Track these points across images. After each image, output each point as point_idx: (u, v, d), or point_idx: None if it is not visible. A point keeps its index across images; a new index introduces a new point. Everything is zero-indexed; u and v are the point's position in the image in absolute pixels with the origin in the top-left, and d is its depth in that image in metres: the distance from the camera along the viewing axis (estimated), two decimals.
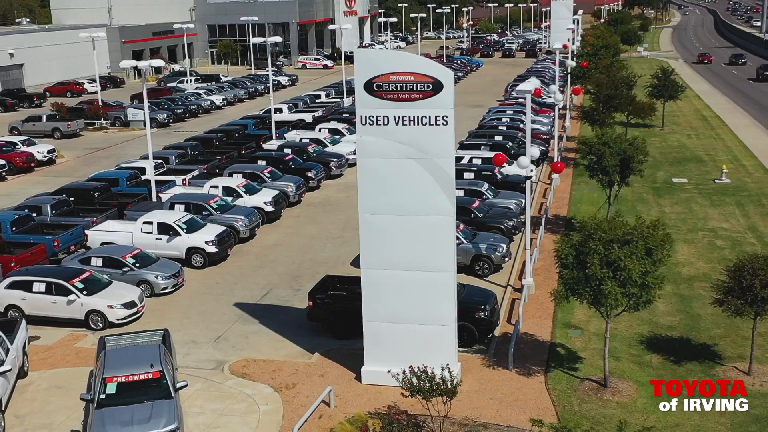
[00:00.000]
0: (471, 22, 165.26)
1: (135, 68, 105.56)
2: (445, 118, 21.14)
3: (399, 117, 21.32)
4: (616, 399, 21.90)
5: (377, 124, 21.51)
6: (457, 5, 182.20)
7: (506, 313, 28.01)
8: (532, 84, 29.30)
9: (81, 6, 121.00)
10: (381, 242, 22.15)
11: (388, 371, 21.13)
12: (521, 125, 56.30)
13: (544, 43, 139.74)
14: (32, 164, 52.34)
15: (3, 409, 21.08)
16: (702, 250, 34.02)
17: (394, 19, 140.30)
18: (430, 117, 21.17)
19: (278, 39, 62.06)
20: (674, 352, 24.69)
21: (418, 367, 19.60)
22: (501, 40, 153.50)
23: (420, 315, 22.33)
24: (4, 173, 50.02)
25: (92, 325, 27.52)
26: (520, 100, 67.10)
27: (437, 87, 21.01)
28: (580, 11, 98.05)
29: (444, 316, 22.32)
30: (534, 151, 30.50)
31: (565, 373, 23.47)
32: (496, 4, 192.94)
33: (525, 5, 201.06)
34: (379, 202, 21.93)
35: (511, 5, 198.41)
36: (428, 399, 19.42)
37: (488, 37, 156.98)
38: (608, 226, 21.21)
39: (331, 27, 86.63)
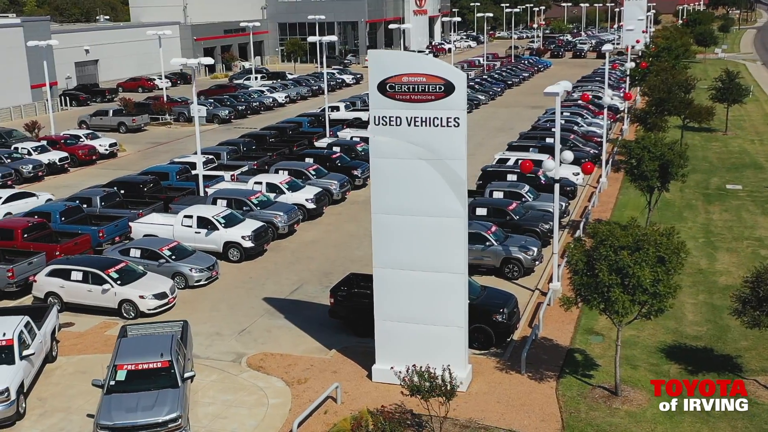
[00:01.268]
0: (543, 22, 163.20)
1: (205, 65, 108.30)
2: (456, 119, 21.18)
3: (411, 118, 21.45)
4: (626, 408, 21.56)
5: (390, 124, 21.69)
6: (531, 4, 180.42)
7: (529, 317, 27.81)
8: (561, 86, 28.92)
9: (157, 4, 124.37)
10: (392, 242, 22.34)
11: (391, 368, 21.32)
12: (575, 127, 55.63)
13: (618, 43, 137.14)
14: (94, 157, 54.26)
15: (25, 391, 22.04)
16: (744, 259, 33.04)
17: (458, 19, 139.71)
18: (441, 118, 21.23)
19: (334, 38, 62.53)
20: (695, 362, 24.11)
21: (420, 367, 19.69)
22: (573, 40, 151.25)
23: (430, 315, 22.43)
24: (66, 165, 51.98)
25: (125, 314, 28.45)
26: (579, 102, 66.27)
27: (449, 89, 21.04)
28: (651, 12, 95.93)
29: (453, 318, 22.36)
30: (567, 155, 30.04)
31: (578, 379, 23.21)
32: (570, 4, 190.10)
33: (601, 5, 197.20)
34: (390, 202, 22.13)
35: (587, 5, 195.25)
36: (426, 399, 19.51)
37: (560, 38, 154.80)
38: (620, 232, 20.89)
39: (391, 26, 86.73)
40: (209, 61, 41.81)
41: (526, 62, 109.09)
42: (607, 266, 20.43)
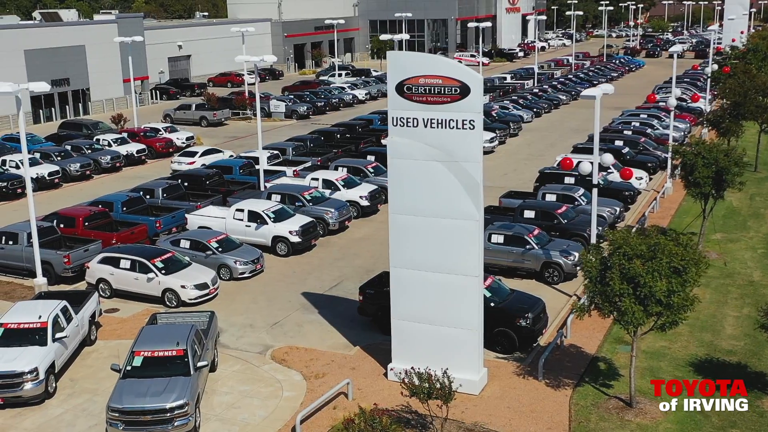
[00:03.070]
0: (639, 20, 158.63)
1: (294, 61, 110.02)
2: (472, 122, 21.13)
3: (427, 120, 21.53)
4: (638, 420, 21.04)
5: (407, 125, 21.83)
6: (633, 2, 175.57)
7: (560, 323, 27.38)
8: (600, 90, 28.29)
9: (254, 1, 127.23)
10: (408, 242, 22.48)
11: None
12: (649, 130, 54.14)
13: (720, 42, 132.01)
14: (170, 150, 56.20)
15: (56, 372, 23.25)
16: None
17: (544, 17, 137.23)
18: (457, 121, 21.23)
19: (406, 37, 62.75)
20: (723, 378, 23.17)
21: (417, 369, 19.81)
22: (673, 39, 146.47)
23: (444, 317, 22.45)
24: (143, 157, 54.11)
25: (167, 303, 29.52)
26: (660, 103, 64.37)
27: (465, 91, 21.01)
28: (752, 9, 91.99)
29: (468, 320, 22.30)
30: (608, 158, 29.38)
31: (595, 388, 22.80)
32: (673, 1, 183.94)
33: (707, 2, 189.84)
34: (407, 203, 22.27)
35: (692, 2, 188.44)
36: (424, 401, 19.63)
37: (659, 36, 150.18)
38: (635, 240, 20.41)
39: (470, 25, 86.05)
40: (273, 58, 43.03)
41: (617, 62, 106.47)
42: (619, 274, 20.01)
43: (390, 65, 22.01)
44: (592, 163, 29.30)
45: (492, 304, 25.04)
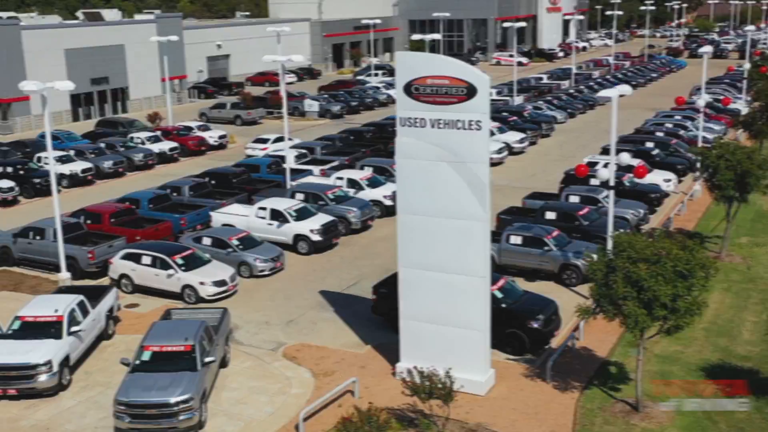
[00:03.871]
0: (682, 20, 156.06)
1: (333, 60, 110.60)
2: (478, 123, 21.13)
3: (434, 120, 21.59)
4: (644, 425, 20.84)
5: (414, 126, 21.92)
6: (678, 2, 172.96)
7: (574, 325, 27.16)
8: (617, 90, 27.99)
9: (295, 1, 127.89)
10: (416, 242, 22.56)
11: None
12: (682, 132, 53.38)
13: (765, 42, 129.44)
14: (203, 148, 56.95)
15: (70, 365, 23.78)
16: None
17: (581, 17, 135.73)
18: (464, 121, 21.24)
19: (438, 36, 62.70)
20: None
21: (420, 368, 19.92)
22: (719, 39, 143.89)
23: (451, 317, 22.48)
24: (176, 155, 54.88)
25: (186, 299, 29.96)
26: (695, 105, 63.36)
27: (471, 92, 21.02)
28: None
29: (475, 321, 22.31)
30: (625, 157, 29.14)
31: (603, 391, 22.63)
32: (718, 1, 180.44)
33: (755, 2, 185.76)
34: (414, 203, 22.34)
35: (740, 2, 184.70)
36: (425, 400, 19.71)
37: (705, 37, 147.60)
38: (642, 244, 20.22)
39: (505, 25, 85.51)
40: (299, 57, 43.29)
41: (656, 62, 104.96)
42: (623, 278, 19.86)
43: (398, 66, 22.11)
44: (609, 164, 28.88)
45: (503, 306, 25.01)
